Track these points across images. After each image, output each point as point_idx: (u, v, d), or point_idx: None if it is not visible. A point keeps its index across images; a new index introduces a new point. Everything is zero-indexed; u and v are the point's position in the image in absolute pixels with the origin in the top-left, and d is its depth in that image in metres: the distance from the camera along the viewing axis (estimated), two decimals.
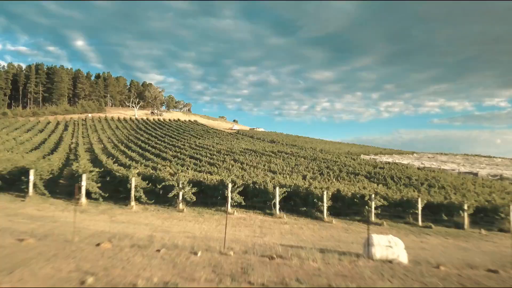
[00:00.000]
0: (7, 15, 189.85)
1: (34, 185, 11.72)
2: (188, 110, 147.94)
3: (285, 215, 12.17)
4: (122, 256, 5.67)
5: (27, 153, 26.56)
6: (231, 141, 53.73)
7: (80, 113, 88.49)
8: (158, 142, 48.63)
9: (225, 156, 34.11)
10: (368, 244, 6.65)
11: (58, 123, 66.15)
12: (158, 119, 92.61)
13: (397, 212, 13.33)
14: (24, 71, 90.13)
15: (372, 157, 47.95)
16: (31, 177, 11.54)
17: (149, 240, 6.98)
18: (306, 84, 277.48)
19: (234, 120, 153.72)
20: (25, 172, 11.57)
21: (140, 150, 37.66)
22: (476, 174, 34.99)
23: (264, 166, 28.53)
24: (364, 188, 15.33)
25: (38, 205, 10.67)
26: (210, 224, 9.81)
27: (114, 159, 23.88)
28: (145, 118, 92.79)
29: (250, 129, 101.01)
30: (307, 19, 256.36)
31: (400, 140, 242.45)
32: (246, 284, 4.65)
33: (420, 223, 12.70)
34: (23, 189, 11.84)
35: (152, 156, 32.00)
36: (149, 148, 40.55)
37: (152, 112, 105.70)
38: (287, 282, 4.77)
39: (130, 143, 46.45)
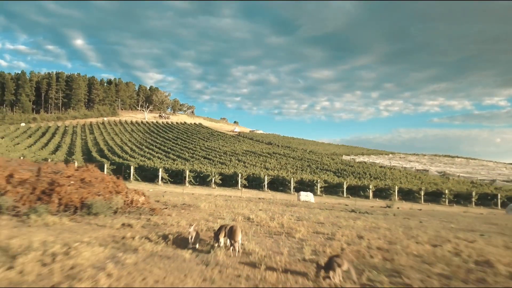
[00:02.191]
0: (6, 14, 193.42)
1: (132, 174, 21.37)
2: (192, 112, 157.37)
3: (270, 191, 21.83)
4: (206, 197, 15.34)
5: (95, 153, 36.15)
6: (234, 144, 63.23)
7: (97, 117, 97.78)
8: (173, 145, 58.12)
9: (231, 157, 43.68)
10: (298, 196, 16.36)
11: (83, 127, 75.66)
12: (167, 122, 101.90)
13: (334, 191, 23.08)
14: (45, 79, 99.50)
15: (352, 157, 57.52)
16: (132, 169, 21.18)
17: (209, 194, 16.63)
18: (306, 83, 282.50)
19: (235, 122, 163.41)
20: (127, 166, 21.22)
21: (162, 152, 47.20)
22: (427, 171, 44.66)
23: (261, 165, 38.10)
24: (319, 177, 25.12)
25: (139, 184, 20.31)
26: (231, 192, 19.42)
27: (148, 158, 33.56)
28: (154, 121, 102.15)
29: (250, 131, 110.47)
30: (306, 18, 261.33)
31: (399, 139, 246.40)
32: (249, 202, 14.31)
33: (344, 195, 22.39)
34: (126, 176, 21.49)
35: (174, 157, 41.55)
36: (168, 150, 50.10)
37: (160, 115, 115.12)
38: (263, 200, 14.45)
39: (151, 145, 55.96)
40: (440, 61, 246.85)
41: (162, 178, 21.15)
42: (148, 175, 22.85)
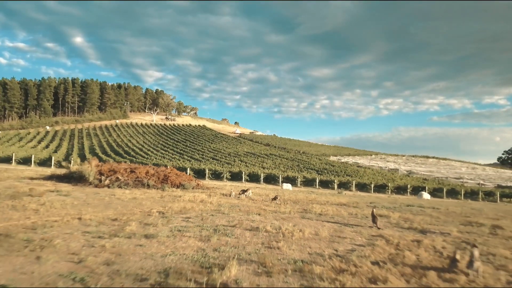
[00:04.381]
0: (5, 12, 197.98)
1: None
2: (195, 113, 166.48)
3: (264, 183, 30.98)
4: (224, 185, 24.53)
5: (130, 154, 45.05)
6: (236, 145, 72.29)
7: (110, 120, 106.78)
8: (183, 147, 67.15)
9: (235, 157, 52.74)
10: (281, 186, 25.61)
11: (100, 129, 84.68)
12: (173, 124, 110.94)
13: (310, 183, 32.29)
14: (62, 84, 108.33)
15: (338, 158, 66.70)
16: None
17: (225, 185, 25.80)
18: (305, 82, 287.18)
19: (235, 123, 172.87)
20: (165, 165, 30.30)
21: (177, 154, 56.24)
22: (397, 170, 53.79)
23: (259, 165, 47.19)
24: (300, 173, 34.38)
25: None
26: (238, 184, 28.56)
27: (169, 159, 42.64)
28: (162, 123, 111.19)
29: (250, 132, 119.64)
30: (306, 16, 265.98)
31: (399, 138, 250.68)
32: (249, 187, 23.53)
33: (317, 187, 31.55)
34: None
35: (188, 158, 50.57)
36: (181, 151, 59.14)
37: (166, 118, 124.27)
38: (259, 188, 23.69)
39: (165, 147, 64.96)
40: (440, 59, 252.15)
41: (189, 174, 30.14)
42: None
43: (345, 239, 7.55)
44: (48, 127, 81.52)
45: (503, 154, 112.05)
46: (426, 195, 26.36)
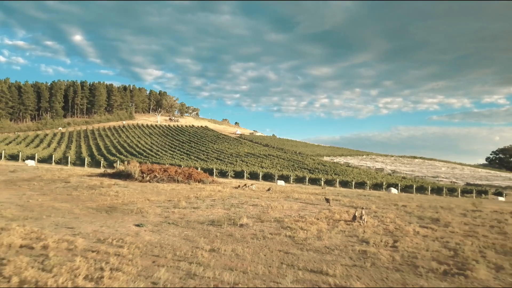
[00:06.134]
0: (5, 10, 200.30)
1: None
2: (196, 114, 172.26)
3: (263, 181, 36.86)
4: (230, 182, 30.38)
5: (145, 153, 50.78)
6: (237, 146, 78.01)
7: (117, 121, 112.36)
8: (188, 147, 72.84)
9: (236, 158, 58.53)
10: (276, 182, 31.47)
11: (109, 130, 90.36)
12: (177, 125, 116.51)
13: (301, 181, 38.15)
14: (71, 87, 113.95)
15: (331, 158, 72.50)
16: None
17: (230, 181, 31.62)
18: (305, 80, 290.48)
19: (236, 123, 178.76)
20: (179, 165, 36.12)
21: (184, 154, 61.99)
22: (382, 169, 59.63)
23: (259, 164, 53.00)
24: (293, 172, 40.29)
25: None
26: (241, 180, 34.32)
27: (179, 159, 48.45)
28: (166, 124, 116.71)
29: (250, 133, 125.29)
30: (305, 15, 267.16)
31: (398, 137, 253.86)
32: (251, 183, 29.42)
33: (306, 183, 37.44)
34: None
35: (195, 158, 56.32)
36: (188, 152, 64.91)
37: (170, 119, 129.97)
38: (257, 183, 29.56)
39: (172, 148, 70.70)
40: (439, 59, 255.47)
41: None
42: None
43: (306, 210, 13.37)
44: (61, 128, 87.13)
45: (491, 154, 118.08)
46: (394, 190, 32.12)
